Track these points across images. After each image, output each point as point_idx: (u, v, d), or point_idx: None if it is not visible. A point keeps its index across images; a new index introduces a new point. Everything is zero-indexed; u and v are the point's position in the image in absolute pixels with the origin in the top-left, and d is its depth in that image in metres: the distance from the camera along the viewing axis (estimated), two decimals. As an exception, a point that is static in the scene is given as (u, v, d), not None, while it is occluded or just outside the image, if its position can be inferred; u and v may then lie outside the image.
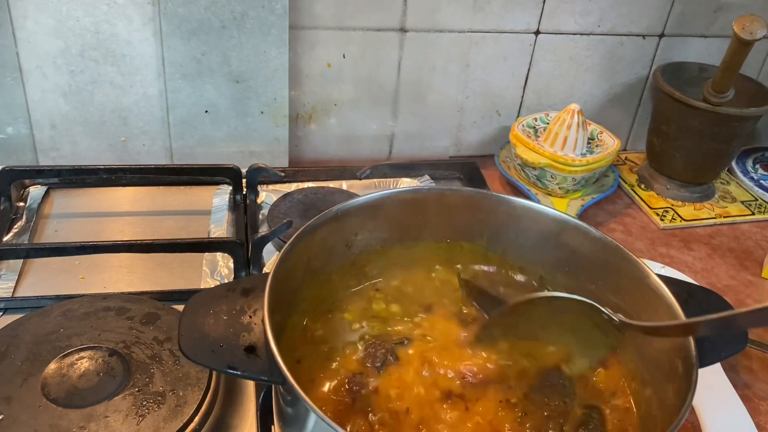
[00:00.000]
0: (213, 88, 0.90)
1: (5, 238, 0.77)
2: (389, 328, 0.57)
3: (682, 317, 0.48)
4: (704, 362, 0.46)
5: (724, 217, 1.00)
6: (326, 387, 0.50)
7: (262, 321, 0.45)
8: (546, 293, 0.56)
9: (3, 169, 0.80)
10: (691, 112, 0.93)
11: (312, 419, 0.42)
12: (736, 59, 0.87)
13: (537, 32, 0.99)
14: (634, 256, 0.53)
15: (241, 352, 0.43)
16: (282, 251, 0.49)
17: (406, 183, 0.94)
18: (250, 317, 0.46)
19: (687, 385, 0.43)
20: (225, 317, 0.46)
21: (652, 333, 0.48)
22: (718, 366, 0.70)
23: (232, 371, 0.42)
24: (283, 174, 0.86)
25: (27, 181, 0.86)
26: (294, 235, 0.51)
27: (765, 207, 1.02)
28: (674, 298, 0.49)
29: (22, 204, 0.83)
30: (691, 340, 0.46)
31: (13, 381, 0.57)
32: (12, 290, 0.70)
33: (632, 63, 1.06)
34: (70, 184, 0.87)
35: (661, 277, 0.52)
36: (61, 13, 0.82)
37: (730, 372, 0.71)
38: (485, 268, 0.62)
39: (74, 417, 0.55)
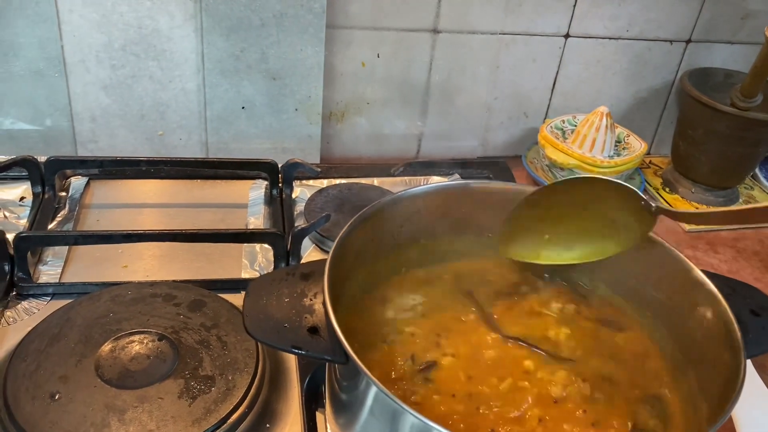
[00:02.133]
0: (250, 84, 0.92)
1: (50, 226, 0.78)
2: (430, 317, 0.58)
3: (728, 310, 0.49)
4: (749, 354, 0.48)
5: (749, 221, 1.01)
6: (378, 367, 0.51)
7: (323, 304, 0.46)
8: (582, 175, 0.59)
9: (48, 159, 0.82)
10: (718, 117, 0.95)
11: (371, 396, 0.44)
12: (767, 64, 0.88)
13: (567, 35, 1.01)
14: (675, 250, 0.55)
15: (304, 333, 0.45)
16: (338, 237, 0.51)
17: (436, 181, 0.96)
18: (311, 300, 0.47)
19: (735, 374, 0.45)
20: (287, 299, 0.47)
21: (684, 219, 0.49)
22: (749, 364, 0.71)
23: (297, 350, 0.44)
24: (319, 170, 0.88)
25: (68, 172, 0.87)
26: (350, 222, 0.52)
27: (788, 212, 1.04)
28: (719, 291, 0.51)
29: (64, 194, 0.84)
30: (737, 330, 0.47)
31: (68, 361, 0.59)
32: (59, 276, 0.72)
33: (659, 68, 1.07)
34: (109, 176, 0.89)
35: (703, 272, 0.53)
36: (106, 8, 0.84)
37: (761, 371, 0.72)
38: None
39: (128, 397, 0.56)
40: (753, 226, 1.00)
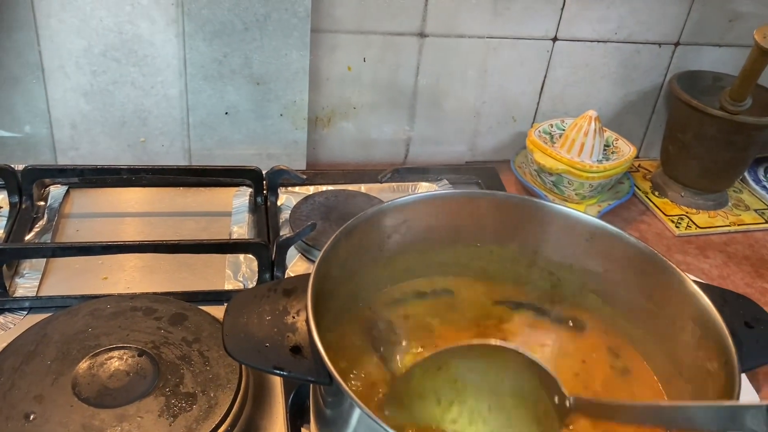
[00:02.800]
0: (233, 89, 0.90)
1: (27, 237, 0.76)
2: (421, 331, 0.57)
3: (722, 323, 0.48)
4: (743, 367, 0.47)
5: (738, 224, 1.00)
6: (365, 386, 0.50)
7: (306, 321, 0.45)
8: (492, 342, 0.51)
9: (26, 168, 0.80)
10: (708, 120, 0.94)
11: (356, 417, 0.42)
12: (756, 68, 0.87)
13: (555, 39, 1.00)
14: (669, 262, 0.54)
15: (286, 353, 0.43)
16: (323, 251, 0.49)
17: (424, 187, 0.95)
18: (294, 317, 0.46)
19: (729, 388, 0.44)
20: (268, 317, 0.46)
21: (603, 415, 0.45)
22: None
23: (279, 372, 0.42)
24: (304, 177, 0.86)
25: (47, 180, 0.85)
26: (333, 236, 0.51)
27: (778, 215, 1.03)
28: (712, 304, 0.50)
29: (42, 203, 0.82)
30: (731, 344, 0.46)
31: (44, 380, 0.57)
32: (36, 289, 0.70)
33: (648, 71, 1.06)
34: (89, 184, 0.87)
35: (696, 282, 0.52)
36: (85, 13, 0.82)
37: (753, 380, 0.72)
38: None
39: (106, 417, 0.55)
40: (743, 230, 0.99)
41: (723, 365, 0.46)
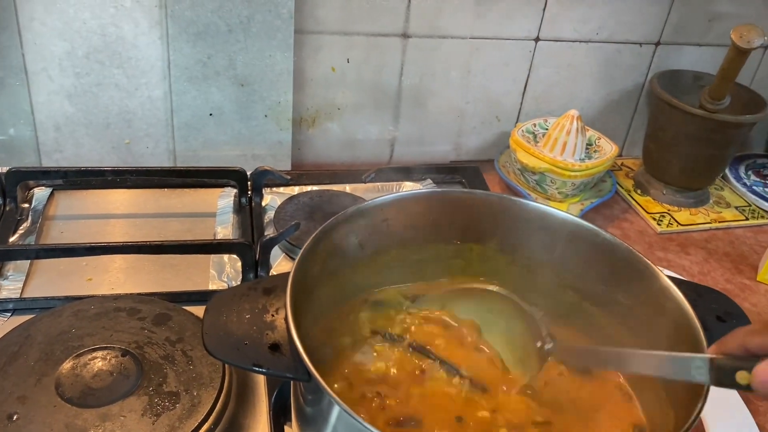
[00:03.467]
0: (218, 91, 0.90)
1: (11, 239, 0.77)
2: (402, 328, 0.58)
3: (694, 317, 0.49)
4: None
5: (719, 222, 1.01)
6: (345, 384, 0.50)
7: (285, 319, 0.45)
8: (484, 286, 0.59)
9: (9, 170, 0.80)
10: (688, 119, 0.95)
11: (335, 414, 0.43)
12: (733, 67, 0.89)
13: (537, 39, 1.01)
14: (644, 258, 0.55)
15: (265, 350, 0.44)
16: (302, 251, 0.50)
17: (409, 186, 0.95)
18: (273, 315, 0.46)
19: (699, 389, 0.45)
20: (248, 316, 0.46)
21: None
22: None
23: (258, 369, 0.43)
24: (289, 177, 0.87)
25: (31, 183, 0.86)
26: (313, 235, 0.51)
27: (758, 212, 1.05)
28: (685, 298, 0.50)
29: (26, 205, 0.83)
30: (703, 338, 0.47)
31: (27, 381, 0.57)
32: (20, 291, 0.70)
33: (629, 70, 1.08)
34: (74, 186, 0.87)
35: (670, 278, 0.53)
36: (68, 15, 0.82)
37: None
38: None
39: (89, 416, 0.55)
40: (723, 227, 1.01)
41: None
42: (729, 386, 0.39)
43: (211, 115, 0.92)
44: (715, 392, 0.68)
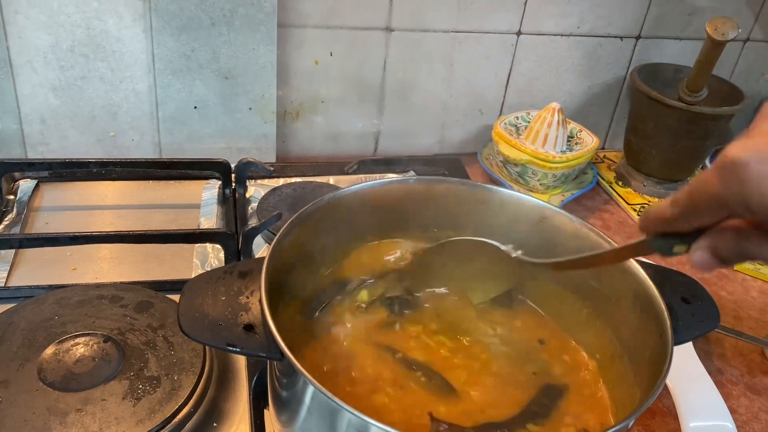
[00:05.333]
0: (202, 84, 0.91)
1: (-4, 230, 0.77)
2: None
3: (659, 298, 0.50)
4: (679, 340, 0.49)
5: (699, 212, 1.03)
6: (319, 365, 0.51)
7: (260, 301, 0.46)
8: (447, 239, 0.61)
9: (-6, 161, 0.81)
10: (667, 111, 0.97)
11: (309, 393, 0.44)
12: (710, 59, 0.90)
13: (519, 33, 1.02)
14: (611, 241, 0.56)
15: (239, 331, 0.45)
16: (277, 236, 0.51)
17: (391, 178, 0.96)
18: (248, 298, 0.48)
19: (662, 359, 0.46)
20: (223, 298, 0.47)
21: (553, 268, 0.53)
22: (692, 352, 0.73)
23: (231, 348, 0.44)
24: (272, 169, 0.88)
25: (17, 174, 0.86)
26: (288, 222, 0.52)
27: (737, 203, 1.06)
28: (651, 281, 0.52)
29: (12, 197, 0.83)
30: (667, 318, 0.49)
31: (9, 366, 0.58)
32: (5, 280, 0.71)
33: (610, 64, 1.09)
34: (59, 178, 0.88)
35: (638, 261, 0.54)
36: (52, 9, 0.83)
37: (705, 358, 0.74)
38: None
39: (71, 400, 0.56)
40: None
41: (659, 338, 0.49)
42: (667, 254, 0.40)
43: (195, 108, 0.93)
44: (687, 378, 0.70)
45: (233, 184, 0.88)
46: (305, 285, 0.57)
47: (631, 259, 0.55)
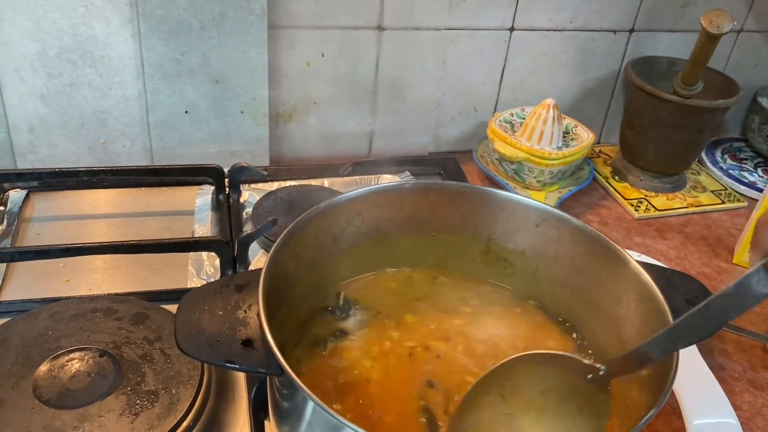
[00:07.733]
0: (193, 88, 0.90)
1: (-13, 243, 0.76)
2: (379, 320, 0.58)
3: (662, 300, 0.50)
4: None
5: (696, 206, 1.03)
6: (320, 379, 0.50)
7: (258, 315, 0.45)
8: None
9: (-18, 173, 0.80)
10: (662, 105, 0.96)
11: (309, 409, 0.43)
12: (704, 52, 0.89)
13: (512, 29, 1.01)
14: (613, 244, 0.55)
15: (238, 346, 0.44)
16: (274, 247, 0.50)
17: (387, 179, 0.96)
18: (245, 312, 0.47)
19: (668, 365, 0.45)
20: (220, 312, 0.46)
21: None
22: (695, 349, 0.73)
23: (230, 365, 0.43)
24: (266, 173, 0.86)
25: (6, 185, 0.85)
26: (285, 231, 0.51)
27: (734, 196, 1.06)
28: (654, 283, 0.51)
29: (2, 208, 0.82)
30: (669, 316, 0.48)
31: (4, 384, 0.57)
32: (-3, 294, 0.70)
33: (604, 58, 1.08)
34: (50, 187, 0.87)
35: (640, 263, 0.53)
36: (37, 16, 0.81)
37: (707, 355, 0.74)
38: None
39: (67, 418, 0.55)
40: (700, 211, 1.02)
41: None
42: None
43: (186, 112, 0.91)
44: (690, 375, 0.69)
45: (227, 190, 0.87)
46: (305, 297, 0.56)
47: (633, 260, 0.54)
